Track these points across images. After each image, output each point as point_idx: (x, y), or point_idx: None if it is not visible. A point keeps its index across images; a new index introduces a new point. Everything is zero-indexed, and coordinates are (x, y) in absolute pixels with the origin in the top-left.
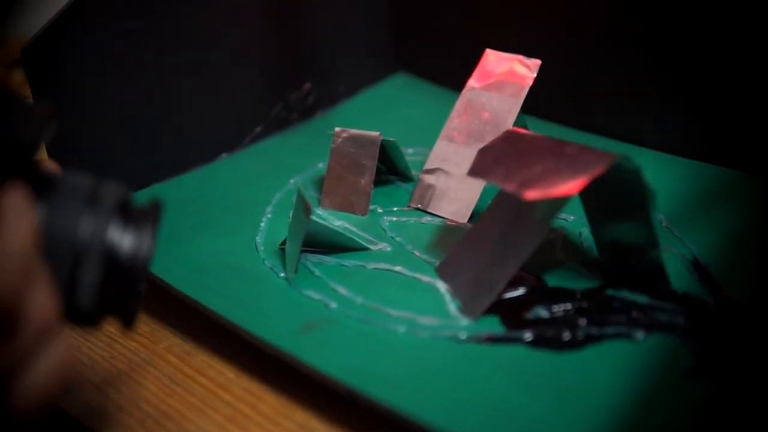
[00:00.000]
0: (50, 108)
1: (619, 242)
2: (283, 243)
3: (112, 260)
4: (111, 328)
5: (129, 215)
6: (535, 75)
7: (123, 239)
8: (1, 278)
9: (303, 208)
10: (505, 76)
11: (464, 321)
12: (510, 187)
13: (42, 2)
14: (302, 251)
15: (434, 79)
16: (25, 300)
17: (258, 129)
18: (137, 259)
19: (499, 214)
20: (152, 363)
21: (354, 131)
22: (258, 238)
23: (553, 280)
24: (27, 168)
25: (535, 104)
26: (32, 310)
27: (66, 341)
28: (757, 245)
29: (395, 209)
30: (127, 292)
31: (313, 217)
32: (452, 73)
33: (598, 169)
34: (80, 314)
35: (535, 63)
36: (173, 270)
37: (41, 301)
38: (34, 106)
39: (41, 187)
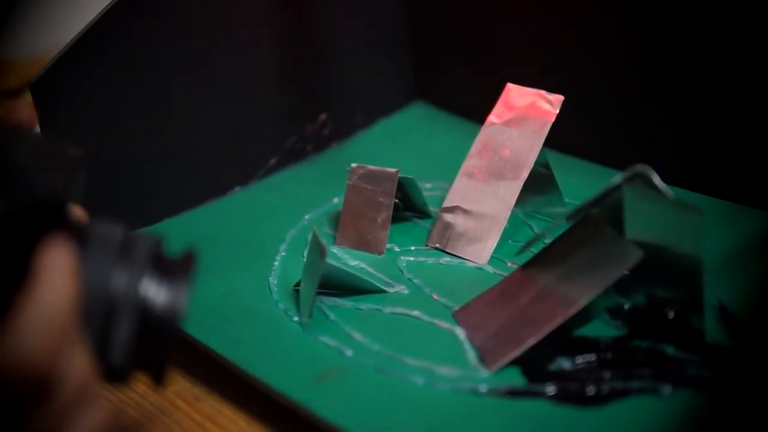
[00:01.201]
0: (78, 152)
1: (658, 295)
2: (298, 284)
3: (145, 316)
4: None
5: (162, 267)
6: (557, 111)
7: (157, 294)
8: (40, 342)
9: (318, 250)
10: (526, 111)
11: (484, 372)
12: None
13: (47, 22)
14: (317, 293)
15: (453, 109)
16: (63, 363)
17: (272, 161)
18: (171, 314)
19: (535, 276)
20: (161, 408)
21: (371, 167)
22: (271, 279)
23: (575, 327)
24: (60, 218)
25: (558, 139)
26: (70, 373)
27: (103, 403)
28: None
29: (413, 248)
30: (160, 348)
31: (329, 260)
32: (472, 103)
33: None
34: (112, 371)
35: (558, 98)
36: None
37: (78, 363)
38: (62, 148)
39: (72, 239)
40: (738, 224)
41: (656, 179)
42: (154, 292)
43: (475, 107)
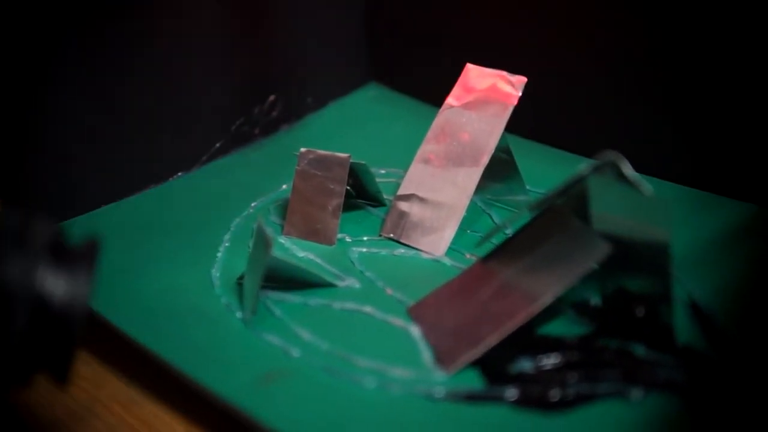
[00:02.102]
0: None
1: (626, 290)
2: (241, 277)
3: (42, 308)
4: None
5: (62, 256)
6: (520, 93)
7: (55, 285)
8: None
9: (263, 241)
10: (487, 94)
11: (440, 374)
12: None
13: None
14: (262, 287)
15: (410, 91)
16: None
17: (217, 145)
18: (71, 306)
19: (497, 269)
20: (94, 411)
21: (321, 152)
22: (214, 271)
23: (539, 325)
24: None
25: (520, 123)
26: None
27: None
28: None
29: (365, 239)
30: (61, 345)
31: (274, 253)
32: (430, 85)
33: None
34: (5, 370)
35: (521, 80)
36: (118, 308)
37: None
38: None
39: None
40: (713, 214)
41: (626, 168)
42: (52, 282)
43: (433, 89)
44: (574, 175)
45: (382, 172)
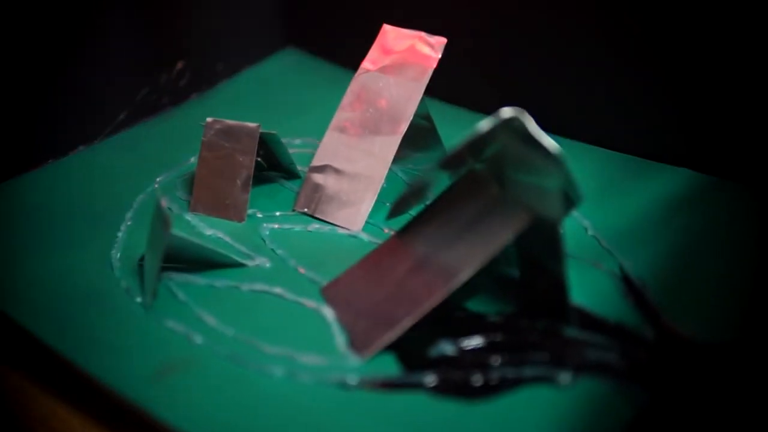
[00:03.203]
0: None
1: (530, 254)
2: (143, 259)
3: None
4: None
5: None
6: (440, 56)
7: None
8: None
9: (161, 219)
10: (405, 56)
11: (354, 360)
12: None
13: None
14: (164, 269)
15: (328, 56)
16: None
17: (121, 116)
18: None
19: (413, 243)
20: None
21: (228, 122)
22: (114, 252)
23: (459, 304)
24: None
25: (441, 87)
26: None
27: None
28: (711, 262)
29: (278, 214)
30: None
31: (175, 231)
32: (349, 49)
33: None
34: None
35: (440, 41)
36: (8, 294)
37: None
38: None
39: None
40: (647, 182)
41: (530, 124)
42: None
43: (351, 53)
44: (473, 132)
45: (297, 142)
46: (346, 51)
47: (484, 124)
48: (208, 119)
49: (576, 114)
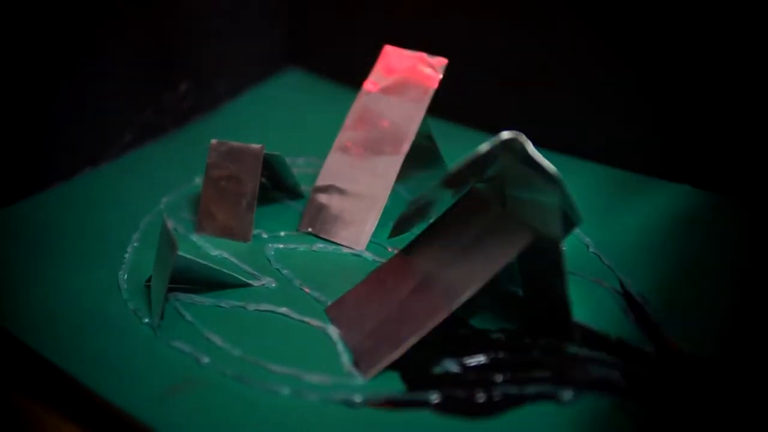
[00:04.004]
0: None
1: (533, 272)
2: (149, 280)
3: None
4: None
5: None
6: (441, 76)
7: None
8: None
9: (168, 241)
10: (406, 77)
11: (359, 379)
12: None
13: None
14: (171, 290)
15: (331, 75)
16: None
17: (127, 138)
18: None
19: (416, 262)
20: None
21: (232, 144)
22: (121, 274)
23: (462, 322)
24: None
25: (443, 106)
26: None
27: None
28: (711, 279)
29: (282, 234)
30: None
31: (181, 252)
32: (351, 69)
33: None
34: None
35: (441, 62)
36: (17, 315)
37: None
38: None
39: None
40: (649, 198)
41: (529, 147)
42: None
43: (354, 73)
44: (473, 153)
45: (301, 161)
46: (348, 71)
47: (484, 146)
48: (213, 141)
49: (577, 131)
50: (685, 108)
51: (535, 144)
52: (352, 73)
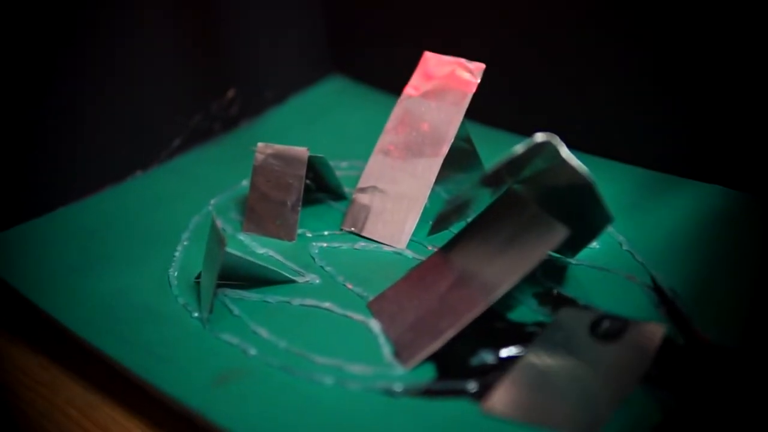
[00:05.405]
0: None
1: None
2: (199, 276)
3: None
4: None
5: None
6: (479, 81)
7: None
8: None
9: (217, 239)
10: (445, 82)
11: (399, 369)
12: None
13: None
14: (220, 286)
15: (372, 82)
16: None
17: (176, 142)
18: None
19: (454, 259)
20: (50, 417)
21: (278, 147)
22: (172, 271)
23: (499, 316)
24: None
25: (481, 110)
26: None
27: None
28: (739, 274)
29: (326, 233)
30: None
31: (229, 249)
32: (391, 75)
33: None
34: None
35: (479, 67)
36: (74, 310)
37: None
38: None
39: None
40: (679, 198)
41: (563, 149)
42: None
43: (394, 79)
44: (510, 153)
45: (344, 164)
46: (389, 77)
47: (519, 147)
48: (259, 144)
49: (611, 134)
50: (717, 110)
51: (568, 146)
52: (392, 79)
